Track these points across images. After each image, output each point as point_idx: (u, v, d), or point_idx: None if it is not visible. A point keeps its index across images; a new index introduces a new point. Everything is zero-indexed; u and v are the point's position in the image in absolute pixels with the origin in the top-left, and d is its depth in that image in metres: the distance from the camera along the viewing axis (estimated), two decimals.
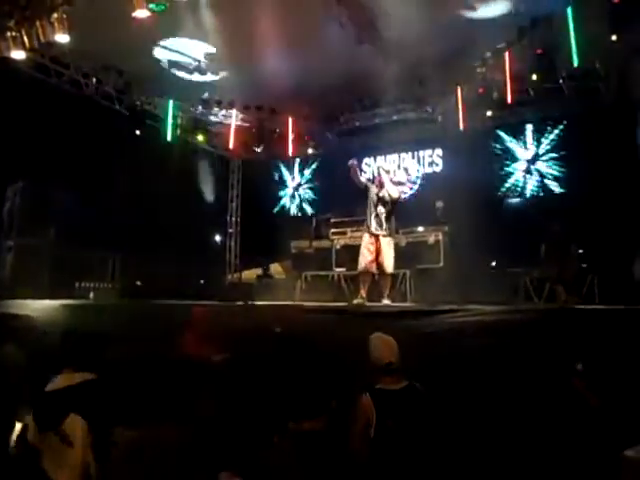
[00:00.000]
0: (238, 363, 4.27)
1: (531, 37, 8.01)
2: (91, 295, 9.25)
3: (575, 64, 7.32)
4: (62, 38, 7.21)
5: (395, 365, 2.60)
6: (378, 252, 6.14)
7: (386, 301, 6.19)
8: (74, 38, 7.33)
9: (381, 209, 6.22)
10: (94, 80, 9.76)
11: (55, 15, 7.01)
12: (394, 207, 6.30)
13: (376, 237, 6.18)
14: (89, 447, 2.04)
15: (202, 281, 12.80)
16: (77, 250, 9.53)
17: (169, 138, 10.95)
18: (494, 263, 9.38)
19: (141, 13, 6.94)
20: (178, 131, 11.51)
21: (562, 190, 10.49)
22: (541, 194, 10.75)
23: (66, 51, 8.57)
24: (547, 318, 4.39)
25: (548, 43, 7.77)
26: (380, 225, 6.19)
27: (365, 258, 6.18)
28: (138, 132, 10.25)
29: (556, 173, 10.63)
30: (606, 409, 2.43)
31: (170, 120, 10.96)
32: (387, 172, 6.47)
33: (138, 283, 11.36)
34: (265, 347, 4.17)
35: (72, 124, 8.94)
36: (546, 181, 10.74)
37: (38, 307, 6.18)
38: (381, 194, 6.23)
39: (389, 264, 6.15)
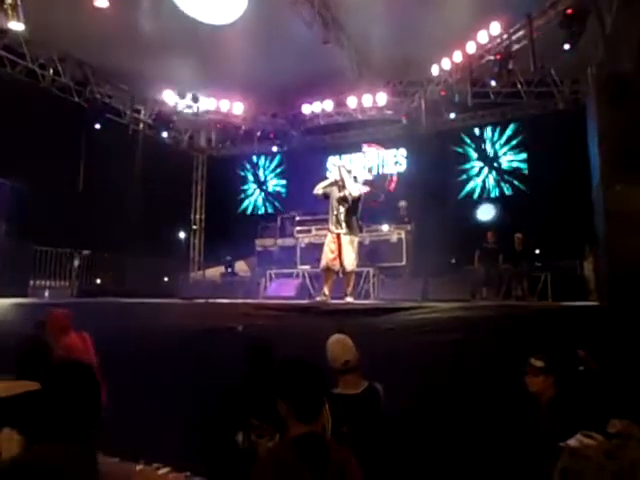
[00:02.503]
0: (201, 360, 4.25)
1: (492, 43, 8.28)
2: (46, 293, 8.93)
3: (531, 70, 7.61)
4: (16, 26, 6.94)
5: (352, 363, 2.54)
6: (340, 250, 6.21)
7: (349, 299, 6.26)
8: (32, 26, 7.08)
9: (341, 208, 6.29)
10: (51, 71, 9.40)
11: (8, 1, 6.74)
12: (355, 205, 6.35)
13: (337, 235, 6.25)
14: None
15: (166, 278, 12.57)
16: (32, 246, 9.16)
17: (130, 132, 10.67)
18: (453, 260, 9.64)
19: (101, 2, 6.77)
20: (140, 125, 11.25)
21: (520, 190, 10.90)
22: (500, 194, 11.14)
23: (21, 40, 8.23)
24: (502, 315, 4.56)
25: (508, 49, 8.05)
26: (340, 224, 6.26)
27: (327, 256, 6.26)
28: (98, 126, 9.93)
29: (514, 174, 11.04)
30: (560, 401, 2.53)
31: (132, 114, 10.69)
32: (349, 172, 6.51)
33: (98, 281, 11.05)
34: (227, 345, 4.16)
35: (27, 116, 8.58)
36: (504, 182, 11.13)
37: None
38: (342, 194, 6.29)
39: (349, 262, 6.21)
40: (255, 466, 1.68)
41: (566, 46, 6.75)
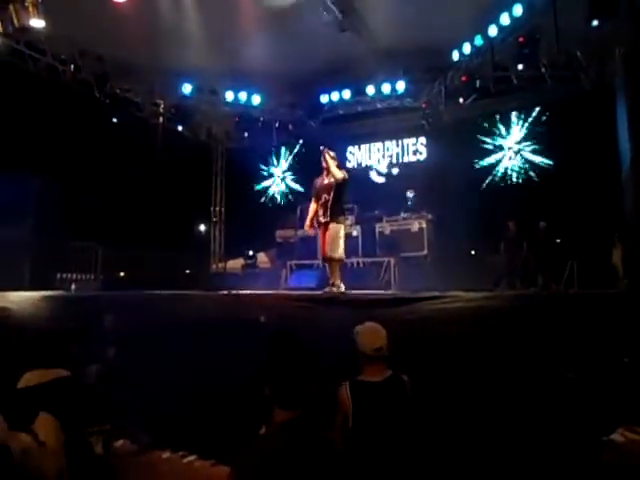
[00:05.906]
0: (223, 351, 4.28)
1: (514, 26, 8.05)
2: (73, 286, 9.14)
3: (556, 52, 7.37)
4: (37, 23, 7.03)
5: (384, 351, 2.53)
6: (323, 239, 6.10)
7: (333, 289, 5.90)
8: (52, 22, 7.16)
9: (326, 196, 6.02)
10: (72, 67, 9.52)
11: None
12: (340, 191, 6.05)
13: (325, 225, 6.08)
14: (62, 449, 1.91)
15: (187, 271, 12.73)
16: (58, 241, 9.37)
17: (149, 126, 10.77)
18: (473, 252, 9.51)
19: None
20: (160, 118, 11.33)
21: (545, 177, 10.61)
22: (523, 182, 10.88)
23: (42, 36, 8.34)
24: (525, 304, 4.47)
25: (531, 32, 7.82)
26: (325, 213, 6.00)
27: (322, 246, 6.20)
28: (115, 120, 10.06)
29: (538, 161, 10.75)
30: (586, 390, 2.46)
31: (151, 107, 10.77)
32: (332, 157, 6.24)
33: (121, 274, 11.25)
34: (250, 336, 4.18)
35: (49, 112, 8.73)
36: (529, 169, 10.86)
37: (17, 299, 6.06)
38: (326, 181, 6.07)
39: (331, 249, 5.91)
40: (242, 454, 1.66)
41: (594, 22, 6.47)
